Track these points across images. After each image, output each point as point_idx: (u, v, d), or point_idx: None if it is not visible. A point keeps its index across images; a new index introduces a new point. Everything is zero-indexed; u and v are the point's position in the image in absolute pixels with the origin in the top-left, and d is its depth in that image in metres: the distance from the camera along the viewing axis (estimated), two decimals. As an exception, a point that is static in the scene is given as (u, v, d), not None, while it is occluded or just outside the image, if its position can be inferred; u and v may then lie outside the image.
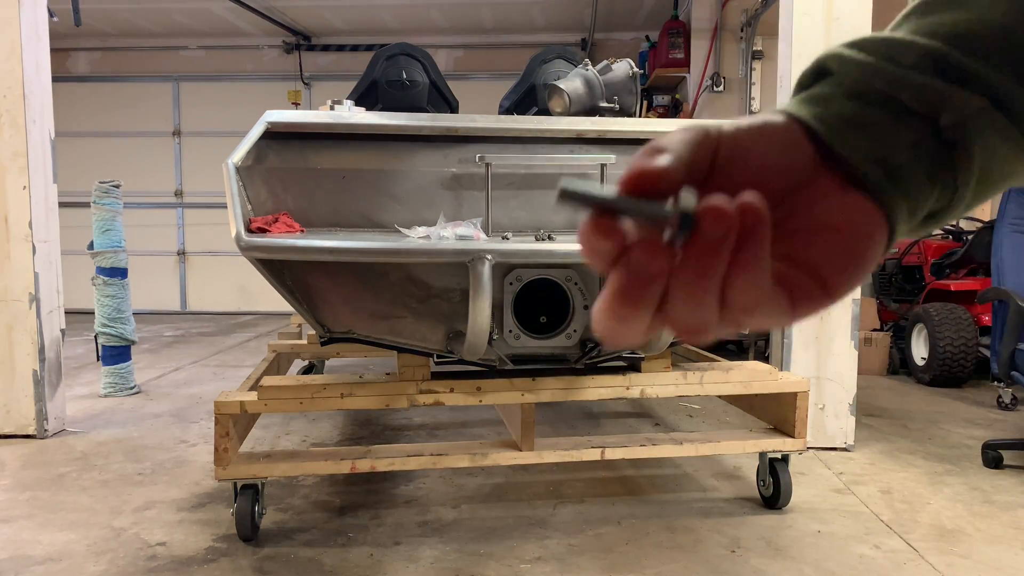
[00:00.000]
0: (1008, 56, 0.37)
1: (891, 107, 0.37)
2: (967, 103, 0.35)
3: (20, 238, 3.28)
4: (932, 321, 4.46)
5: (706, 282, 0.30)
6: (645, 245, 0.29)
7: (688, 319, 0.31)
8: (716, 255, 0.29)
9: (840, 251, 0.35)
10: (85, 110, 8.52)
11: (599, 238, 0.30)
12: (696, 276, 0.29)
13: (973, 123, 0.36)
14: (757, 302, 0.31)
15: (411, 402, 2.29)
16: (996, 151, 0.37)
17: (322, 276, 2.14)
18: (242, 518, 2.18)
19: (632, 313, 0.30)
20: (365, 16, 7.83)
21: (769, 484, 2.48)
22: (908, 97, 0.36)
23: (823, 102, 0.37)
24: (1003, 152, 0.37)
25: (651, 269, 0.29)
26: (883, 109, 0.37)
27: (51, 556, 2.12)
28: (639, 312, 0.30)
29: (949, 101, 0.36)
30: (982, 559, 2.12)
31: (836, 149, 0.36)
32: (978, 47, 0.37)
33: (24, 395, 3.31)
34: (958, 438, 3.39)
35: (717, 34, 6.41)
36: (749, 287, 0.30)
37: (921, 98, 0.36)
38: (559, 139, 2.35)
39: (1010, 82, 0.36)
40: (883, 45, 0.37)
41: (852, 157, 0.35)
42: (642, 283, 0.30)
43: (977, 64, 0.36)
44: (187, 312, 8.71)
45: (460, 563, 2.07)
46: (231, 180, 2.03)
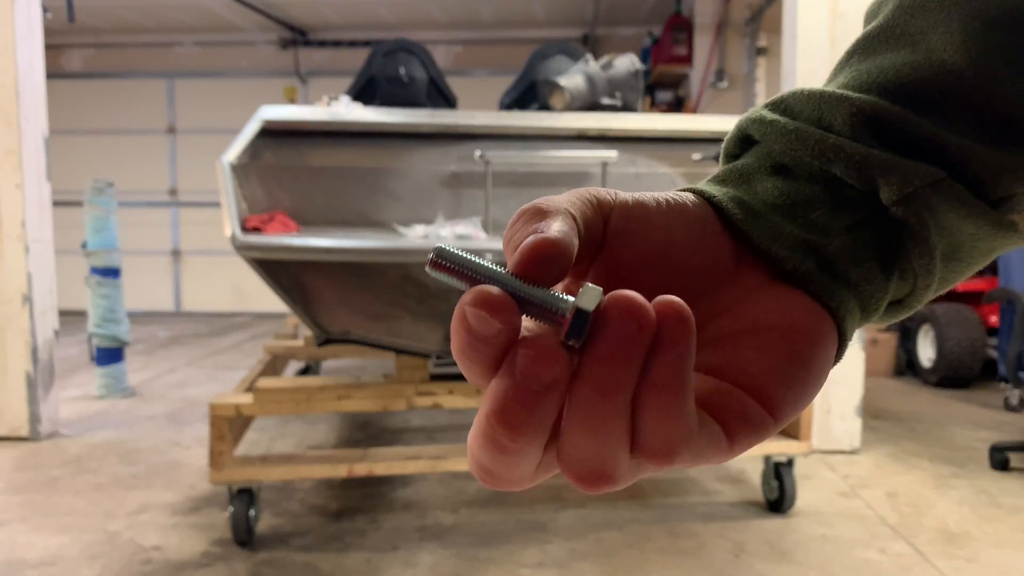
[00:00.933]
0: (964, 108, 0.30)
1: (823, 183, 0.30)
2: (914, 175, 0.29)
3: (13, 237, 3.24)
4: (939, 322, 4.44)
5: (608, 403, 0.22)
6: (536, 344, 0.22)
7: (585, 455, 0.23)
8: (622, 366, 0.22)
9: (781, 356, 0.27)
10: (79, 108, 8.47)
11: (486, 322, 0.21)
12: (596, 393, 0.22)
13: (924, 200, 0.29)
14: (679, 436, 0.23)
15: (409, 404, 2.25)
16: (961, 230, 0.30)
17: (319, 276, 2.10)
18: (238, 522, 2.15)
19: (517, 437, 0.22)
20: (362, 11, 7.79)
21: (774, 488, 2.45)
22: (841, 170, 0.29)
23: (744, 179, 0.31)
24: (970, 230, 0.30)
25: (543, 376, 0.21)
26: (813, 185, 0.30)
27: (45, 560, 2.09)
28: (527, 435, 0.22)
29: (890, 173, 0.29)
30: (988, 563, 2.09)
31: (756, 240, 0.29)
32: (926, 99, 0.30)
33: (17, 397, 3.27)
34: (965, 440, 3.36)
35: (721, 30, 6.38)
36: (668, 415, 0.22)
37: (855, 170, 0.29)
38: (560, 136, 2.32)
39: (971, 141, 0.29)
40: (811, 103, 0.31)
41: (775, 248, 0.29)
42: (531, 396, 0.21)
43: (926, 123, 0.29)
44: (181, 312, 8.67)
45: (459, 568, 2.04)
46: (226, 178, 2.00)
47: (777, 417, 0.27)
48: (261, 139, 2.12)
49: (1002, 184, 0.30)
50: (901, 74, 0.31)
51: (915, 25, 0.32)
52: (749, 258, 0.30)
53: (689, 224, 0.29)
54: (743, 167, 0.32)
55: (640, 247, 0.28)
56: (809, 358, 0.28)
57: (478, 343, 0.22)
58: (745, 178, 0.31)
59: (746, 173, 0.31)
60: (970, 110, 0.30)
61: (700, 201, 0.30)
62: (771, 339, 0.27)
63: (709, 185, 0.32)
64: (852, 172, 0.29)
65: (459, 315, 0.22)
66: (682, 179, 2.39)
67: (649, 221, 0.28)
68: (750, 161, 0.32)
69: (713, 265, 0.29)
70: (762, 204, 0.30)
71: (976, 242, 0.31)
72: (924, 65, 0.31)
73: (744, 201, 0.30)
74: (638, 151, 2.38)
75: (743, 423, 0.26)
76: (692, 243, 0.29)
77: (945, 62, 0.30)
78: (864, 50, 0.33)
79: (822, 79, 3.09)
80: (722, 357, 0.27)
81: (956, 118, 0.30)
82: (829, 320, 0.29)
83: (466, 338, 0.22)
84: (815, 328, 0.28)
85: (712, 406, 0.26)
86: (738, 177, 0.31)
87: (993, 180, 0.29)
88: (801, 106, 0.31)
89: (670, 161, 2.39)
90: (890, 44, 0.32)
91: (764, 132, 0.32)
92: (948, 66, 0.30)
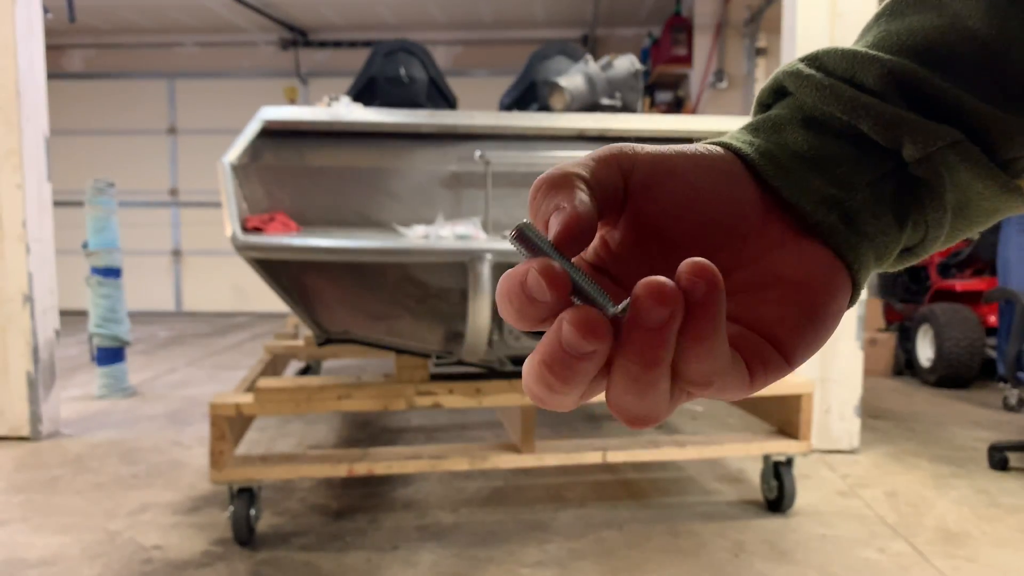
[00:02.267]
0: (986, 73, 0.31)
1: (850, 138, 0.32)
2: (936, 135, 0.30)
3: (14, 237, 3.24)
4: (938, 322, 4.44)
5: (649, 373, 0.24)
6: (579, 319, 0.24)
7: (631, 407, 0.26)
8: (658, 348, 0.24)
9: (797, 309, 0.29)
10: (79, 108, 8.47)
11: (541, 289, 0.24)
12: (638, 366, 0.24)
13: (943, 158, 0.31)
14: (714, 374, 0.25)
15: (409, 404, 2.26)
16: (971, 188, 0.32)
17: (319, 276, 2.11)
18: (238, 522, 2.15)
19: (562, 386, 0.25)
20: (362, 11, 7.79)
21: (773, 487, 2.45)
22: (868, 127, 0.31)
23: (776, 129, 0.33)
24: (979, 188, 0.32)
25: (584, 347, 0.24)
26: (841, 140, 0.32)
27: (45, 559, 2.09)
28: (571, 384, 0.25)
29: (915, 133, 0.30)
30: (988, 562, 2.10)
31: (784, 193, 0.31)
32: (951, 62, 0.32)
33: (18, 397, 3.27)
34: (964, 440, 3.36)
35: (720, 30, 6.38)
36: (705, 359, 0.25)
37: (883, 129, 0.31)
38: (560, 136, 2.32)
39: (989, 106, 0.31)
40: (845, 61, 0.32)
41: (802, 202, 0.31)
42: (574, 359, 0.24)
43: (949, 86, 0.31)
44: (182, 312, 8.67)
45: (459, 567, 2.04)
46: (226, 179, 2.00)
47: (791, 362, 0.29)
48: (262, 139, 2.12)
49: (1014, 147, 0.31)
50: (929, 37, 0.32)
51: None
52: (775, 209, 0.31)
53: (716, 176, 0.30)
54: (775, 117, 0.33)
55: (665, 200, 0.29)
56: (823, 311, 0.30)
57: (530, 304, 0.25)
58: (777, 128, 0.33)
59: (778, 123, 0.33)
60: (991, 75, 0.32)
61: (728, 154, 0.31)
62: (789, 292, 0.30)
63: (741, 134, 0.33)
64: (880, 130, 0.31)
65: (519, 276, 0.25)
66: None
67: (674, 174, 0.29)
68: (782, 112, 0.33)
69: (739, 216, 0.30)
70: (790, 156, 0.32)
71: (982, 201, 0.33)
72: (950, 30, 0.32)
73: (773, 154, 0.31)
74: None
75: (762, 365, 0.28)
76: (719, 195, 0.30)
77: (969, 28, 0.32)
78: (893, 12, 0.35)
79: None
80: (743, 306, 0.30)
81: (977, 82, 0.31)
82: (845, 273, 0.31)
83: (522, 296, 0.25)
84: (832, 281, 0.30)
85: (738, 349, 0.28)
86: (771, 127, 0.33)
87: (1006, 143, 0.31)
88: (835, 63, 0.33)
89: (670, 161, 2.39)
90: (918, 7, 0.34)
91: (799, 85, 0.33)
92: (972, 32, 0.32)
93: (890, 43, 0.33)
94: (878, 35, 0.34)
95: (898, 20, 0.34)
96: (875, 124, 0.31)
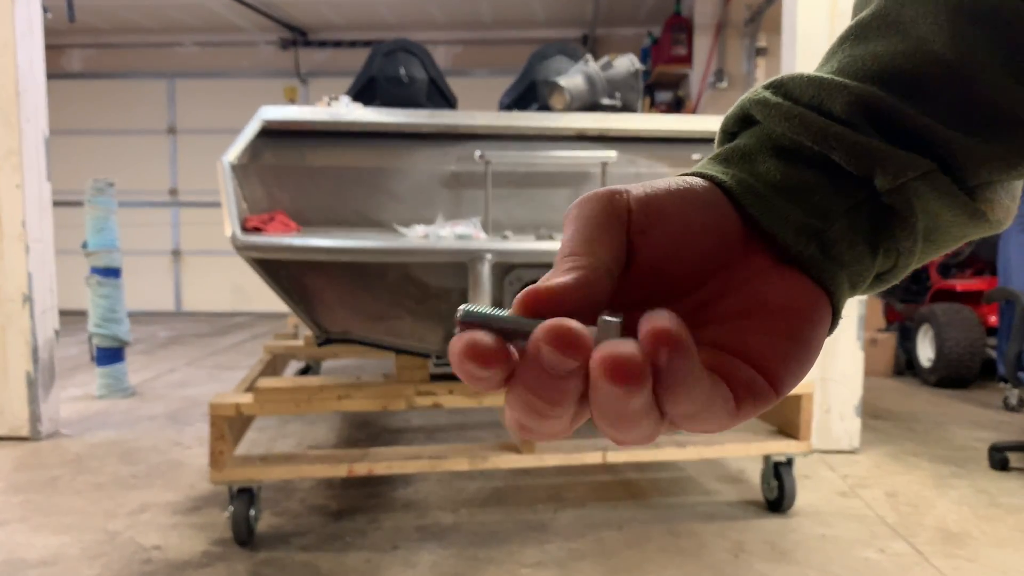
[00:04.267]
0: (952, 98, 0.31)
1: (822, 167, 0.32)
2: (908, 165, 0.30)
3: (13, 237, 3.24)
4: (938, 322, 4.43)
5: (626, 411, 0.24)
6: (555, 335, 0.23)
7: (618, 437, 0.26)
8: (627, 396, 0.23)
9: (782, 335, 0.29)
10: (79, 108, 8.46)
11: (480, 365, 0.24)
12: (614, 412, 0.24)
13: (915, 189, 0.31)
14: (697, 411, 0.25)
15: (409, 404, 2.25)
16: (941, 216, 0.32)
17: (319, 276, 2.11)
18: (238, 522, 2.15)
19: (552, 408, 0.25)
20: (362, 11, 7.79)
21: (773, 487, 2.45)
22: (840, 157, 0.31)
23: (747, 159, 0.32)
24: (948, 217, 0.32)
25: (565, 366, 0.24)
26: (813, 170, 0.32)
27: (45, 560, 2.09)
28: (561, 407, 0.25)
29: (886, 163, 0.30)
30: (988, 562, 2.09)
31: (764, 224, 0.31)
32: (917, 88, 0.32)
33: (17, 396, 3.27)
34: (964, 440, 3.36)
35: (720, 30, 6.37)
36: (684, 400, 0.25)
37: (854, 158, 0.31)
38: (560, 136, 2.32)
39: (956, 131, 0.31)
40: (811, 88, 0.32)
41: (781, 232, 0.31)
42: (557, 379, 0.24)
43: (918, 113, 0.31)
44: (182, 312, 8.67)
45: (459, 568, 2.04)
46: (226, 178, 2.00)
47: (777, 389, 0.29)
48: (261, 139, 2.12)
49: (981, 173, 0.31)
50: (895, 62, 0.32)
51: (906, 15, 0.33)
52: (756, 239, 0.31)
53: (701, 209, 0.31)
54: (744, 147, 0.33)
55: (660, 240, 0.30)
56: (807, 338, 0.30)
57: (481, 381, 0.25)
58: (747, 158, 0.32)
59: (748, 153, 0.33)
60: (956, 100, 0.31)
61: (709, 185, 0.31)
62: (773, 319, 0.30)
63: (712, 165, 0.33)
64: (852, 160, 0.31)
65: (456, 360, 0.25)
66: (682, 179, 2.38)
67: (664, 214, 0.30)
68: (750, 142, 0.33)
69: (724, 247, 0.31)
70: (765, 186, 0.31)
71: (951, 228, 0.33)
72: (914, 55, 0.32)
73: (750, 184, 0.31)
74: (638, 151, 2.38)
75: (748, 392, 0.28)
76: (706, 228, 0.30)
77: (934, 52, 0.31)
78: (857, 36, 0.34)
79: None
80: (729, 333, 0.29)
81: (943, 107, 0.31)
82: (826, 300, 0.31)
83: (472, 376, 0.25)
84: (813, 309, 0.30)
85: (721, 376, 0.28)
86: (740, 157, 0.33)
87: (974, 170, 0.31)
88: (801, 91, 0.32)
89: (670, 161, 2.40)
90: (882, 32, 0.33)
91: (767, 114, 0.33)
92: (937, 57, 0.31)
93: (855, 69, 0.33)
94: (843, 60, 0.34)
95: (862, 45, 0.33)
96: (846, 154, 0.31)
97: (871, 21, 0.34)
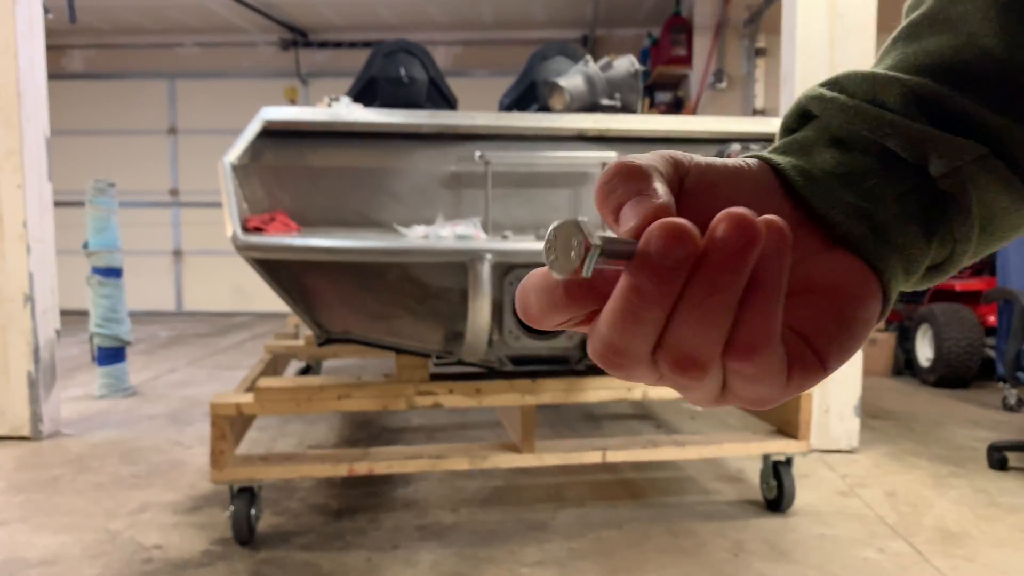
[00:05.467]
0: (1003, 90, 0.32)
1: (877, 155, 0.33)
2: (962, 150, 0.31)
3: (14, 237, 3.25)
4: (937, 321, 4.44)
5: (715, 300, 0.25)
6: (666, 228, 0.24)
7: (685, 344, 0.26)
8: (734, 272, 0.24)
9: (829, 316, 0.30)
10: (80, 108, 8.47)
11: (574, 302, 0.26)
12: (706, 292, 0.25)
13: (968, 173, 0.31)
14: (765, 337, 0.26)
15: (409, 404, 2.26)
16: (996, 202, 0.32)
17: (319, 276, 2.11)
18: (238, 521, 2.15)
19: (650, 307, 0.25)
20: (363, 12, 7.79)
21: (773, 487, 2.46)
22: (895, 143, 0.32)
23: (804, 150, 0.34)
24: (1004, 203, 0.32)
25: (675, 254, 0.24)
26: (868, 157, 0.33)
27: (46, 559, 2.10)
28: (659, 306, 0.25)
29: (940, 148, 0.31)
30: (987, 562, 2.10)
31: (815, 205, 0.32)
32: (970, 80, 0.33)
33: (19, 396, 3.28)
34: (963, 440, 3.36)
35: (720, 31, 6.38)
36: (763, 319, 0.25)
37: (909, 144, 0.32)
38: (560, 137, 2.32)
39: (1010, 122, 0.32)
40: (866, 83, 0.33)
41: (833, 213, 0.31)
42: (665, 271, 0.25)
43: (971, 103, 0.32)
44: (182, 312, 8.68)
45: (459, 567, 2.05)
46: (227, 179, 2.00)
47: (825, 365, 0.30)
48: (262, 140, 2.13)
49: None
50: (946, 56, 0.33)
51: (956, 11, 0.34)
52: (807, 222, 0.32)
53: (753, 188, 0.32)
54: (802, 139, 0.34)
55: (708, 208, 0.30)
56: (855, 317, 0.30)
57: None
58: (805, 149, 0.34)
59: (805, 145, 0.34)
60: (1007, 91, 0.32)
61: (764, 168, 0.33)
62: (823, 298, 0.30)
63: (771, 154, 0.34)
64: (906, 146, 0.32)
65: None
66: (681, 179, 2.39)
67: (717, 184, 0.31)
68: (809, 134, 0.34)
69: None
70: (821, 172, 0.32)
71: (1006, 216, 0.34)
72: (965, 48, 0.33)
73: (805, 169, 0.32)
74: (638, 152, 2.39)
75: (799, 364, 0.29)
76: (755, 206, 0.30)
77: (985, 46, 0.33)
78: (908, 35, 0.36)
79: (821, 79, 3.09)
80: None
81: (994, 97, 0.32)
82: (875, 281, 0.31)
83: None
84: (862, 289, 0.31)
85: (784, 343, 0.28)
86: (798, 148, 0.34)
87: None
88: (856, 86, 0.34)
89: (669, 162, 2.40)
90: (934, 29, 0.35)
91: (824, 108, 0.34)
92: (987, 50, 0.33)
93: (908, 64, 0.34)
94: (896, 58, 0.35)
95: (914, 43, 0.35)
96: (901, 140, 0.32)
97: (922, 20, 0.35)
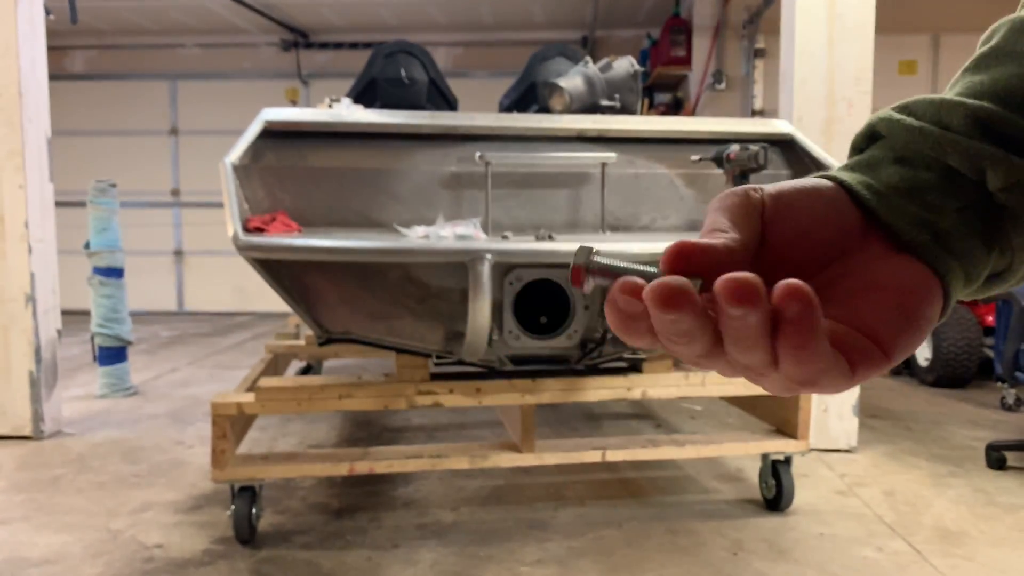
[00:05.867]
0: None
1: (939, 171, 0.36)
2: (1019, 167, 0.34)
3: (16, 237, 3.26)
4: (935, 321, 4.43)
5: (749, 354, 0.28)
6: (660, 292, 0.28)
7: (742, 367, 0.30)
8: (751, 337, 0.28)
9: (894, 312, 0.33)
10: (81, 109, 8.48)
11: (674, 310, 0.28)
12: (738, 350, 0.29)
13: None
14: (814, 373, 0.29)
15: (410, 403, 2.27)
16: None
17: (320, 276, 2.12)
18: (239, 520, 2.16)
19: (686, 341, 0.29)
20: (363, 13, 7.80)
21: (772, 486, 2.46)
22: (955, 161, 0.35)
23: (871, 168, 0.37)
24: None
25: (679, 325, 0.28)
26: (931, 173, 0.36)
27: (47, 558, 2.10)
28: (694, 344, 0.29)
29: (998, 164, 0.35)
30: (985, 561, 2.10)
31: (881, 216, 0.35)
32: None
33: (20, 396, 3.29)
34: (962, 439, 3.37)
35: (719, 32, 6.39)
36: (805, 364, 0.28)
37: (968, 161, 0.35)
38: (560, 138, 2.33)
39: None
40: (932, 107, 0.37)
41: (898, 223, 0.35)
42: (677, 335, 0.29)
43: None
44: (184, 312, 8.68)
45: (459, 566, 2.05)
46: (228, 179, 2.01)
47: (889, 355, 0.33)
48: (263, 140, 2.13)
49: None
50: (1010, 84, 0.37)
51: (1021, 45, 0.38)
52: (874, 232, 0.36)
53: (825, 204, 0.35)
54: (870, 158, 0.38)
55: (788, 229, 0.34)
56: (917, 312, 0.34)
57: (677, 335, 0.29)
58: (872, 167, 0.37)
59: (872, 163, 0.38)
60: None
61: (834, 185, 0.36)
62: (888, 296, 0.33)
63: (841, 172, 0.38)
64: (965, 162, 0.35)
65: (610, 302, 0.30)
66: (680, 180, 2.40)
67: (792, 206, 0.34)
68: (876, 153, 0.38)
69: (844, 237, 0.35)
70: (886, 187, 0.36)
71: None
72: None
73: (871, 185, 0.36)
74: (637, 152, 2.40)
75: (864, 357, 0.32)
76: (827, 220, 0.35)
77: None
78: (977, 66, 0.39)
79: (820, 80, 3.09)
80: (848, 309, 0.33)
81: None
82: (937, 283, 0.35)
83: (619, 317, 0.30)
84: (926, 289, 0.34)
85: (839, 343, 0.31)
86: (865, 166, 0.38)
87: None
88: (923, 109, 0.37)
89: (669, 162, 2.41)
90: (1000, 61, 0.38)
91: (891, 129, 0.38)
92: None
93: (973, 91, 0.37)
94: (963, 86, 0.38)
95: (982, 72, 0.38)
96: (960, 157, 0.35)
97: (990, 52, 0.39)
